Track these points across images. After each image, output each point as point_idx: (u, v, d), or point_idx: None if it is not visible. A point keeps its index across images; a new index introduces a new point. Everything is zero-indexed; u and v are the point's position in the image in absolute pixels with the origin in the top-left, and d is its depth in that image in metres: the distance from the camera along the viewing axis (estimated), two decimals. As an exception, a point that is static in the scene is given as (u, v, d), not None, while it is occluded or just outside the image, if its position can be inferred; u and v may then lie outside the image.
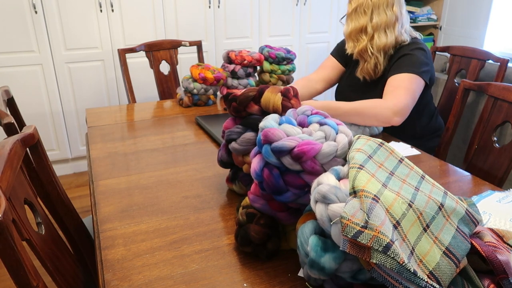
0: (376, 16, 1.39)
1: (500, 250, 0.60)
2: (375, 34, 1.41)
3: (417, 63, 1.38)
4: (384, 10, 1.39)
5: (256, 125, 0.81)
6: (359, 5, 1.41)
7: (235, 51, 1.75)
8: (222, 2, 2.77)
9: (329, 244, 0.59)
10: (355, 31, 1.44)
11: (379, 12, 1.39)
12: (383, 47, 1.41)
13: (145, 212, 0.91)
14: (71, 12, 2.40)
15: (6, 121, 1.00)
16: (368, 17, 1.41)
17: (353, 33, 1.45)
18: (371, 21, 1.40)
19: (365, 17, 1.41)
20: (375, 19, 1.40)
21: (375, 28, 1.40)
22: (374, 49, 1.42)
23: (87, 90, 2.59)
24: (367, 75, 1.47)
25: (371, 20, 1.40)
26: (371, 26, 1.41)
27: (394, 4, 1.39)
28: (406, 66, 1.38)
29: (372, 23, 1.40)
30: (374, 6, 1.39)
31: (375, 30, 1.41)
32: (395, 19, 1.39)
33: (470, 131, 1.81)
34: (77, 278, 0.87)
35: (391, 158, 0.72)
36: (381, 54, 1.42)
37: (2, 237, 0.56)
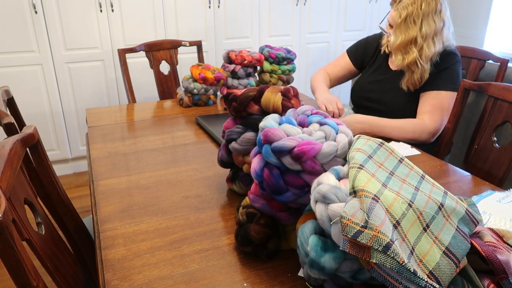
0: (425, 25, 1.33)
1: (500, 250, 0.60)
2: (425, 45, 1.34)
3: (456, 78, 1.39)
4: (433, 17, 1.33)
5: (256, 125, 0.81)
6: (409, 14, 1.33)
7: (235, 51, 1.75)
8: (222, 2, 2.77)
9: (329, 244, 0.59)
10: (404, 42, 1.37)
11: (428, 21, 1.32)
12: (432, 57, 1.36)
13: (145, 212, 0.91)
14: (71, 12, 2.40)
15: (6, 121, 1.00)
16: (418, 27, 1.33)
17: (402, 45, 1.38)
18: (420, 31, 1.33)
19: (415, 27, 1.34)
20: (424, 28, 1.33)
21: (424, 38, 1.34)
22: (423, 60, 1.36)
23: (87, 90, 2.59)
24: (412, 86, 1.41)
25: (420, 30, 1.33)
26: (420, 37, 1.34)
27: (442, 9, 1.33)
28: (449, 83, 1.38)
29: (422, 33, 1.33)
30: (424, 15, 1.32)
31: (425, 40, 1.34)
32: (443, 25, 1.34)
33: (470, 131, 1.81)
34: (77, 278, 0.87)
35: (391, 158, 0.72)
36: (428, 64, 1.37)
37: (2, 237, 0.56)
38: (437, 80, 1.39)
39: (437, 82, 1.39)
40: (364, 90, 1.57)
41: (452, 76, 1.39)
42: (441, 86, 1.38)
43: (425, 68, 1.37)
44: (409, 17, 1.34)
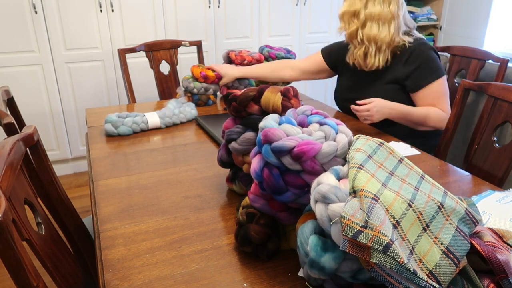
0: (371, 6, 1.42)
1: (500, 250, 0.60)
2: (368, 23, 1.43)
3: (437, 65, 1.45)
4: (380, 3, 1.41)
5: (256, 125, 0.81)
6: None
7: (235, 51, 1.75)
8: (222, 2, 2.77)
9: (329, 244, 0.60)
10: (348, 13, 1.46)
11: (374, 3, 1.41)
12: (374, 39, 1.43)
13: (145, 212, 0.91)
14: (71, 12, 2.40)
15: (6, 121, 1.00)
16: (363, 4, 1.43)
17: (346, 15, 1.47)
18: (365, 8, 1.43)
19: (360, 3, 1.43)
20: (370, 9, 1.42)
21: (367, 17, 1.42)
22: (364, 37, 1.44)
23: (87, 90, 2.59)
24: (356, 62, 1.50)
25: (365, 7, 1.43)
26: (364, 14, 1.43)
27: (391, 2, 1.41)
28: (433, 72, 1.43)
29: (366, 11, 1.42)
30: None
31: (368, 19, 1.42)
32: (390, 17, 1.41)
33: (470, 131, 1.81)
34: (77, 278, 0.87)
35: (391, 158, 0.72)
36: (372, 46, 1.44)
37: (2, 237, 0.56)
38: (421, 76, 1.44)
39: (423, 78, 1.44)
40: (346, 94, 1.62)
41: (432, 65, 1.44)
42: (428, 79, 1.43)
43: (369, 50, 1.44)
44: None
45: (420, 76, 1.44)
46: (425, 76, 1.43)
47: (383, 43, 1.43)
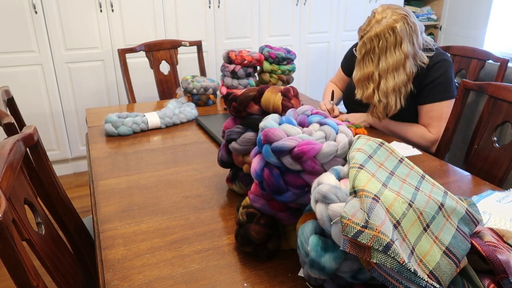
0: (383, 62, 1.34)
1: (500, 250, 0.60)
2: (382, 81, 1.36)
3: (449, 86, 1.41)
4: (392, 52, 1.33)
5: (256, 125, 0.81)
6: (366, 52, 1.36)
7: (235, 51, 1.75)
8: (222, 2, 2.77)
9: (329, 244, 0.59)
10: (362, 78, 1.40)
11: (386, 57, 1.34)
12: (392, 90, 1.36)
13: (145, 212, 0.91)
14: (71, 12, 2.40)
15: (6, 121, 1.00)
16: (375, 63, 1.36)
17: (361, 80, 1.42)
18: (377, 67, 1.36)
19: (371, 64, 1.37)
20: (382, 64, 1.34)
21: (382, 74, 1.36)
22: (380, 95, 1.38)
23: (87, 90, 2.59)
24: (378, 117, 1.44)
25: (377, 66, 1.36)
26: (377, 73, 1.36)
27: (403, 42, 1.32)
28: (443, 92, 1.40)
29: (379, 69, 1.35)
30: (381, 51, 1.33)
31: (382, 75, 1.36)
32: (404, 57, 1.33)
33: (470, 131, 1.81)
34: (77, 278, 0.87)
35: (391, 158, 0.72)
36: (391, 97, 1.38)
37: (2, 237, 0.56)
38: (431, 92, 1.41)
39: (432, 94, 1.41)
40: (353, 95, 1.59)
41: (445, 85, 1.40)
42: (436, 98, 1.40)
43: (389, 102, 1.39)
44: (366, 55, 1.37)
45: (430, 91, 1.40)
46: (434, 93, 1.40)
47: (402, 85, 1.37)
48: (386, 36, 1.31)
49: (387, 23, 1.31)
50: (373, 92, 1.39)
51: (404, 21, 1.31)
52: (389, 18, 1.31)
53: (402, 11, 1.33)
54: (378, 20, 1.33)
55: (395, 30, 1.30)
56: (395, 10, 1.33)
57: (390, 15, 1.31)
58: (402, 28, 1.30)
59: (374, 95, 1.39)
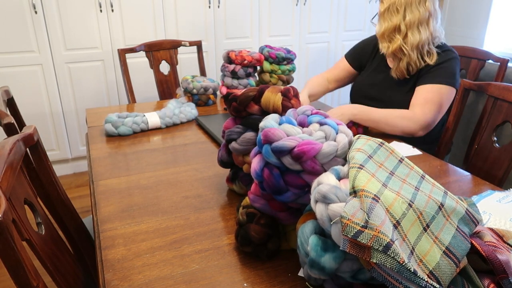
0: (409, 14, 1.37)
1: (500, 250, 0.60)
2: (409, 32, 1.38)
3: (452, 73, 1.39)
4: (416, 6, 1.36)
5: (256, 125, 0.81)
6: (392, 3, 1.38)
7: (235, 51, 1.75)
8: (222, 2, 2.77)
9: (329, 244, 0.59)
10: (388, 30, 1.41)
11: (412, 10, 1.36)
12: (417, 45, 1.38)
13: (145, 212, 0.91)
14: (71, 12, 2.40)
15: (6, 121, 1.00)
16: (401, 15, 1.38)
17: (387, 33, 1.42)
18: (404, 19, 1.37)
19: (398, 15, 1.38)
20: (408, 17, 1.37)
21: (408, 26, 1.38)
22: (408, 47, 1.39)
23: (87, 90, 2.59)
24: (400, 75, 1.45)
25: (404, 18, 1.37)
26: (404, 24, 1.38)
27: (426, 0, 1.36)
28: (441, 76, 1.38)
29: (405, 21, 1.37)
30: (407, 3, 1.36)
31: (409, 28, 1.38)
32: (428, 15, 1.36)
33: (470, 131, 1.81)
34: (77, 278, 0.87)
35: (391, 158, 0.72)
36: (414, 52, 1.40)
37: (2, 237, 0.56)
38: (431, 74, 1.40)
39: (431, 76, 1.40)
40: (364, 90, 1.58)
41: (447, 71, 1.39)
42: (435, 80, 1.39)
43: (412, 57, 1.40)
44: (392, 6, 1.39)
45: (430, 74, 1.40)
46: (433, 75, 1.39)
47: (425, 43, 1.39)
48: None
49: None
50: (400, 45, 1.40)
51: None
52: None
53: None
54: None
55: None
56: None
57: None
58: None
59: (401, 47, 1.40)
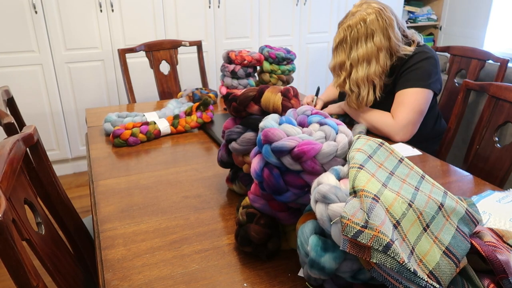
0: (354, 52, 1.38)
1: (500, 250, 0.60)
2: (353, 70, 1.40)
3: (425, 75, 1.38)
4: (363, 43, 1.36)
5: (256, 125, 0.81)
6: (340, 41, 1.40)
7: (235, 51, 1.75)
8: (222, 2, 2.77)
9: (329, 244, 0.59)
10: (335, 66, 1.45)
11: (357, 47, 1.37)
12: (362, 80, 1.39)
13: (145, 212, 0.91)
14: (71, 12, 2.40)
15: (6, 121, 1.00)
16: (347, 53, 1.40)
17: (334, 69, 1.46)
18: (349, 56, 1.40)
19: (344, 53, 1.41)
20: (353, 54, 1.38)
21: (354, 63, 1.39)
22: (351, 83, 1.41)
23: (87, 90, 2.59)
24: (352, 107, 1.47)
25: (349, 55, 1.39)
26: (349, 62, 1.40)
27: (375, 34, 1.35)
28: (413, 79, 1.38)
29: (351, 58, 1.39)
30: (353, 41, 1.37)
31: (354, 65, 1.39)
32: (377, 49, 1.36)
33: (470, 131, 1.81)
34: (77, 278, 0.87)
35: (391, 158, 0.72)
36: (364, 87, 1.40)
37: (2, 237, 0.56)
38: (404, 78, 1.41)
39: (404, 80, 1.40)
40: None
41: (420, 73, 1.38)
42: (406, 84, 1.39)
43: (361, 92, 1.41)
44: (340, 44, 1.41)
45: (403, 79, 1.40)
46: (406, 79, 1.39)
47: (375, 76, 1.39)
48: (357, 27, 1.36)
49: (360, 15, 1.36)
50: (344, 80, 1.44)
51: (378, 14, 1.35)
52: (363, 11, 1.37)
53: (377, 5, 1.37)
54: (353, 12, 1.40)
55: (366, 22, 1.35)
56: (371, 4, 1.38)
57: (365, 8, 1.37)
58: (373, 20, 1.35)
59: (345, 83, 1.44)
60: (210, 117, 1.47)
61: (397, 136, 1.37)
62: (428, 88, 1.38)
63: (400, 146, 1.33)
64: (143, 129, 1.33)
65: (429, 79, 1.38)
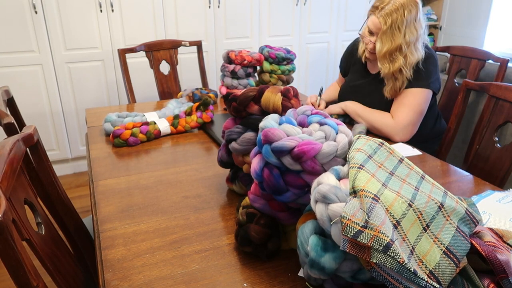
0: (408, 33, 1.33)
1: (500, 250, 0.60)
2: (408, 52, 1.35)
3: (425, 75, 1.38)
4: (414, 25, 1.33)
5: (256, 125, 0.81)
6: (393, 21, 1.33)
7: (235, 51, 1.75)
8: (222, 2, 2.77)
9: (329, 244, 0.59)
10: (391, 50, 1.36)
11: (411, 29, 1.33)
12: (415, 64, 1.36)
13: (145, 212, 0.91)
14: (71, 12, 2.40)
15: (6, 121, 1.00)
16: (402, 34, 1.33)
17: (389, 53, 1.36)
18: (404, 38, 1.33)
19: (399, 34, 1.33)
20: (408, 36, 1.33)
21: (408, 46, 1.34)
22: (407, 67, 1.36)
23: (87, 90, 2.59)
24: (394, 93, 1.41)
25: (404, 37, 1.33)
26: (405, 44, 1.34)
27: (419, 16, 1.34)
28: (413, 80, 1.37)
29: (405, 40, 1.33)
30: (407, 22, 1.32)
31: (408, 47, 1.35)
32: (421, 33, 1.34)
33: (470, 131, 1.81)
34: (77, 278, 0.87)
35: (391, 158, 0.72)
36: (411, 71, 1.37)
37: (2, 237, 0.56)
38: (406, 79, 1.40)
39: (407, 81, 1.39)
40: (347, 94, 1.61)
41: (421, 73, 1.38)
42: (408, 85, 1.39)
43: (407, 75, 1.38)
44: (394, 24, 1.33)
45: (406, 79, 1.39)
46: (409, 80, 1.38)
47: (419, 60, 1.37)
48: (410, 8, 1.32)
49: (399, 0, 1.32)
50: (400, 65, 1.36)
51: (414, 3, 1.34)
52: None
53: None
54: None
55: (417, 4, 1.34)
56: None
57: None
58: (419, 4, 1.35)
59: (402, 67, 1.36)
60: (210, 117, 1.47)
61: (397, 136, 1.37)
62: (428, 88, 1.38)
63: (400, 146, 1.33)
64: (143, 129, 1.33)
65: (429, 79, 1.38)
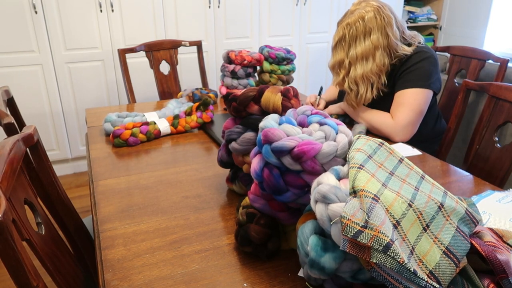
0: (352, 50, 1.39)
1: (500, 250, 0.60)
2: (352, 68, 1.41)
3: (425, 75, 1.38)
4: (361, 41, 1.37)
5: (256, 125, 0.81)
6: (339, 39, 1.42)
7: (235, 51, 1.75)
8: (222, 2, 2.77)
9: (329, 244, 0.59)
10: (334, 65, 1.47)
11: (355, 45, 1.38)
12: (361, 78, 1.40)
13: (145, 212, 0.91)
14: (71, 12, 2.40)
15: (6, 121, 1.00)
16: (346, 51, 1.41)
17: (334, 67, 1.48)
18: (347, 54, 1.41)
19: (343, 51, 1.42)
20: (352, 52, 1.39)
21: (352, 61, 1.40)
22: (349, 81, 1.42)
23: (87, 90, 2.59)
24: (351, 105, 1.47)
25: (348, 53, 1.41)
26: (348, 61, 1.41)
27: (373, 32, 1.36)
28: (413, 80, 1.38)
29: (349, 56, 1.40)
30: (351, 39, 1.38)
31: (352, 63, 1.40)
32: (374, 47, 1.36)
33: (470, 131, 1.81)
34: (77, 278, 0.87)
35: (391, 158, 0.72)
36: (362, 84, 1.41)
37: (2, 237, 0.56)
38: (404, 79, 1.40)
39: (403, 81, 1.40)
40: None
41: (419, 73, 1.38)
42: (405, 85, 1.39)
43: (359, 89, 1.42)
44: (339, 42, 1.43)
45: (402, 79, 1.40)
46: (405, 80, 1.39)
47: (372, 74, 1.39)
48: (356, 25, 1.37)
49: (359, 13, 1.37)
50: (343, 79, 1.45)
51: (376, 12, 1.36)
52: (362, 9, 1.38)
53: (376, 3, 1.38)
54: (352, 11, 1.41)
55: (364, 19, 1.36)
56: (369, 2, 1.39)
57: (364, 6, 1.38)
58: (371, 18, 1.36)
59: (344, 82, 1.45)
60: (210, 117, 1.47)
61: (397, 136, 1.37)
62: (428, 88, 1.38)
63: (400, 146, 1.33)
64: (143, 129, 1.33)
65: (429, 79, 1.38)
